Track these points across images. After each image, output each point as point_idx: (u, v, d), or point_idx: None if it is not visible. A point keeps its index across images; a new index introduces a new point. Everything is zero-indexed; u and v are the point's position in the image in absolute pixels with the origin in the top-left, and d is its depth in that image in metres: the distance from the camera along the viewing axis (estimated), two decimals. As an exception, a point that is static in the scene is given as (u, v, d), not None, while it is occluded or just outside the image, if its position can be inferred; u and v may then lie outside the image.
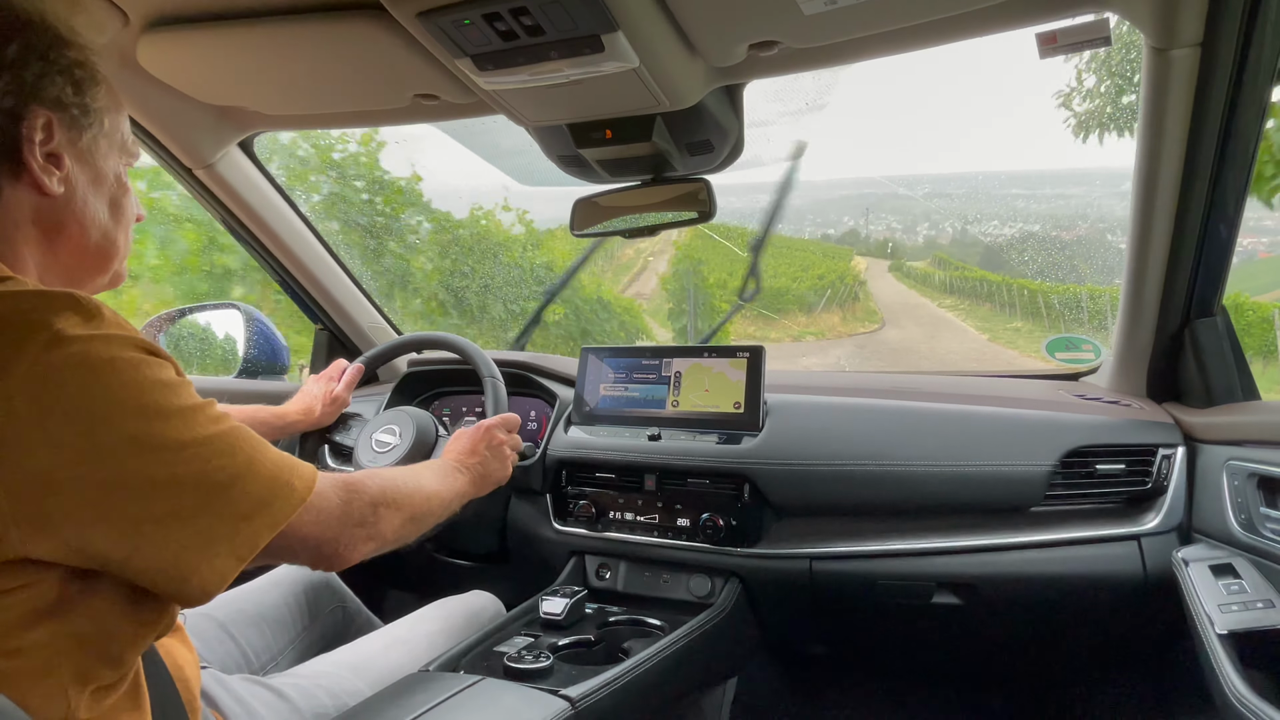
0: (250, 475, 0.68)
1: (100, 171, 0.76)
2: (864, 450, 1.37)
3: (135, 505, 0.61)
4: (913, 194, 10.26)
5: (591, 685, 1.03)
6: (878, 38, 1.04)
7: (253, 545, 0.67)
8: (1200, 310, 1.26)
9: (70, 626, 0.62)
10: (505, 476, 1.23)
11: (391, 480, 0.91)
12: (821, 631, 1.56)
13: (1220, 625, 1.00)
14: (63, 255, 0.74)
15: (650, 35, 0.96)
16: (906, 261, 11.80)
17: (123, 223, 0.80)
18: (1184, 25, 0.95)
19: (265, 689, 0.97)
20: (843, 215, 7.85)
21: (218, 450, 0.66)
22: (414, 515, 0.93)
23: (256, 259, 1.83)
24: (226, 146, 1.55)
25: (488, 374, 1.50)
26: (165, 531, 0.62)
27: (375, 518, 0.85)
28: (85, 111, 0.73)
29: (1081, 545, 1.26)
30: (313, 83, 1.22)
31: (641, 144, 1.23)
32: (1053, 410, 1.38)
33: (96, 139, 0.75)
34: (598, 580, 1.52)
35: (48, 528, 0.58)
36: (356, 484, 0.84)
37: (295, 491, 0.72)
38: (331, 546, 0.79)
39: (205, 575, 0.64)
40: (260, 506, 0.68)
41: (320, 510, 0.76)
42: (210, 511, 0.65)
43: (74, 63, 0.72)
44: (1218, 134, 1.05)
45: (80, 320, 0.60)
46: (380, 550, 0.87)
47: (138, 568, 0.62)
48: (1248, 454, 1.12)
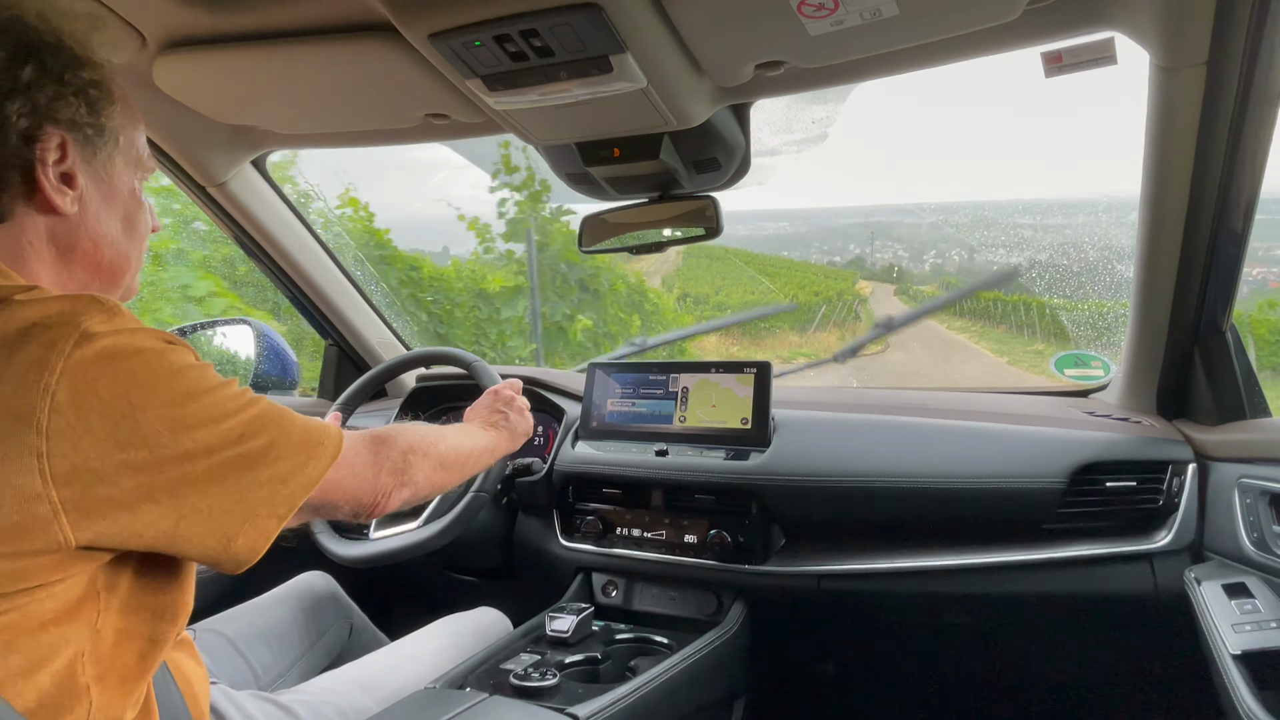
0: (282, 440, 0.72)
1: (114, 189, 0.77)
2: (872, 467, 1.36)
3: (178, 481, 0.64)
4: (919, 222, 10.27)
5: (598, 704, 1.03)
6: (883, 58, 1.04)
7: (291, 504, 0.71)
8: (1209, 327, 1.26)
9: (90, 624, 0.64)
10: (530, 428, 1.29)
11: (419, 432, 0.96)
12: (830, 650, 1.55)
13: (1233, 645, 0.99)
14: (76, 272, 0.75)
15: (658, 56, 0.97)
16: (913, 285, 11.51)
17: (135, 238, 0.81)
18: (1190, 44, 0.96)
19: (274, 706, 0.97)
20: (849, 243, 7.86)
21: (247, 421, 0.69)
22: (443, 461, 0.97)
23: (268, 275, 1.85)
24: (240, 165, 1.57)
25: (468, 361, 1.52)
26: (209, 500, 0.65)
27: (406, 465, 0.89)
28: (100, 131, 0.74)
29: (1092, 564, 1.25)
30: (325, 102, 1.24)
31: (649, 162, 1.24)
32: (1062, 427, 1.37)
33: (112, 156, 0.76)
34: (604, 597, 1.52)
35: (96, 514, 0.60)
36: (384, 436, 0.89)
37: (327, 450, 0.76)
38: (370, 495, 0.84)
39: (250, 535, 0.68)
40: (295, 469, 0.72)
41: (353, 464, 0.81)
42: (249, 478, 0.68)
43: (89, 83, 0.73)
44: (1224, 152, 1.05)
45: (105, 318, 0.63)
46: (416, 498, 0.92)
47: (186, 534, 0.65)
48: (1260, 472, 1.11)
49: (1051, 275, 2.36)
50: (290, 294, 1.89)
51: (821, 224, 12.15)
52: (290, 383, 1.95)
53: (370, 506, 0.85)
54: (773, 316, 7.50)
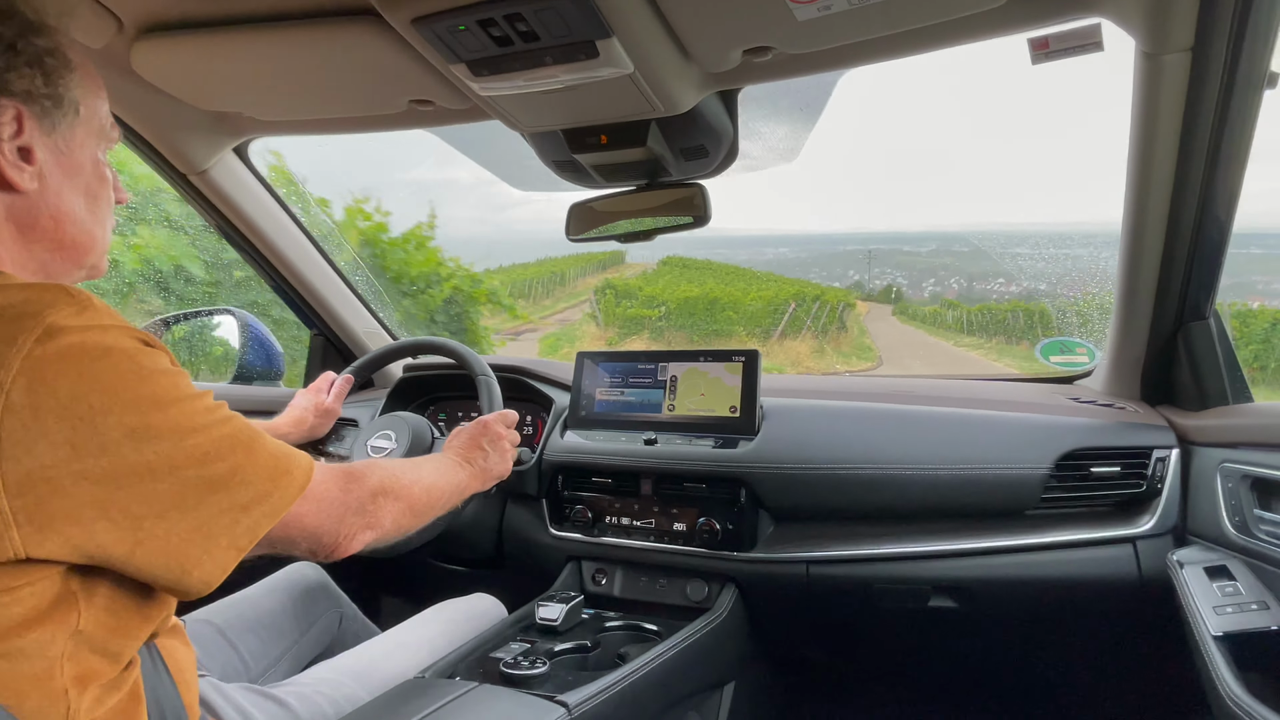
0: (249, 465, 0.68)
1: (76, 162, 0.73)
2: (860, 454, 1.37)
3: (136, 500, 0.60)
4: (918, 250, 10.21)
5: (588, 691, 1.03)
6: (871, 43, 1.04)
7: (252, 535, 0.67)
8: (1193, 313, 1.27)
9: (70, 625, 0.61)
10: (506, 471, 1.23)
11: (391, 471, 0.91)
12: (819, 636, 1.56)
13: (1215, 627, 1.01)
14: (37, 251, 0.72)
15: (645, 41, 0.96)
16: (912, 304, 11.04)
17: (99, 214, 0.77)
18: (1175, 30, 0.96)
19: (265, 698, 0.97)
20: (848, 269, 7.81)
21: (216, 440, 0.65)
22: (413, 506, 0.93)
23: (251, 265, 1.83)
24: (221, 152, 1.55)
25: (480, 373, 1.49)
26: (166, 525, 0.62)
27: (375, 507, 0.84)
28: (58, 102, 0.70)
29: (1077, 548, 1.26)
30: (307, 88, 1.22)
31: (636, 149, 1.23)
32: (1048, 413, 1.38)
33: (73, 128, 0.72)
34: (594, 585, 1.52)
35: (50, 527, 0.57)
36: (356, 473, 0.84)
37: (294, 480, 0.72)
38: (331, 536, 0.79)
39: (206, 567, 0.64)
40: (260, 497, 0.68)
41: (320, 499, 0.76)
42: (210, 503, 0.64)
43: (44, 51, 0.68)
44: (1209, 138, 1.05)
45: (74, 311, 0.59)
46: (380, 540, 0.87)
47: (140, 562, 0.61)
48: (1241, 456, 1.13)
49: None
50: (275, 283, 1.87)
51: (821, 250, 12.09)
52: (275, 373, 1.94)
53: (330, 548, 0.79)
54: (731, 322, 7.28)
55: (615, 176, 1.36)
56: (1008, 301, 9.60)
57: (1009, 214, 73.55)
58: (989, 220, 49.47)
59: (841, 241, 12.29)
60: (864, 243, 10.91)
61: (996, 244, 6.58)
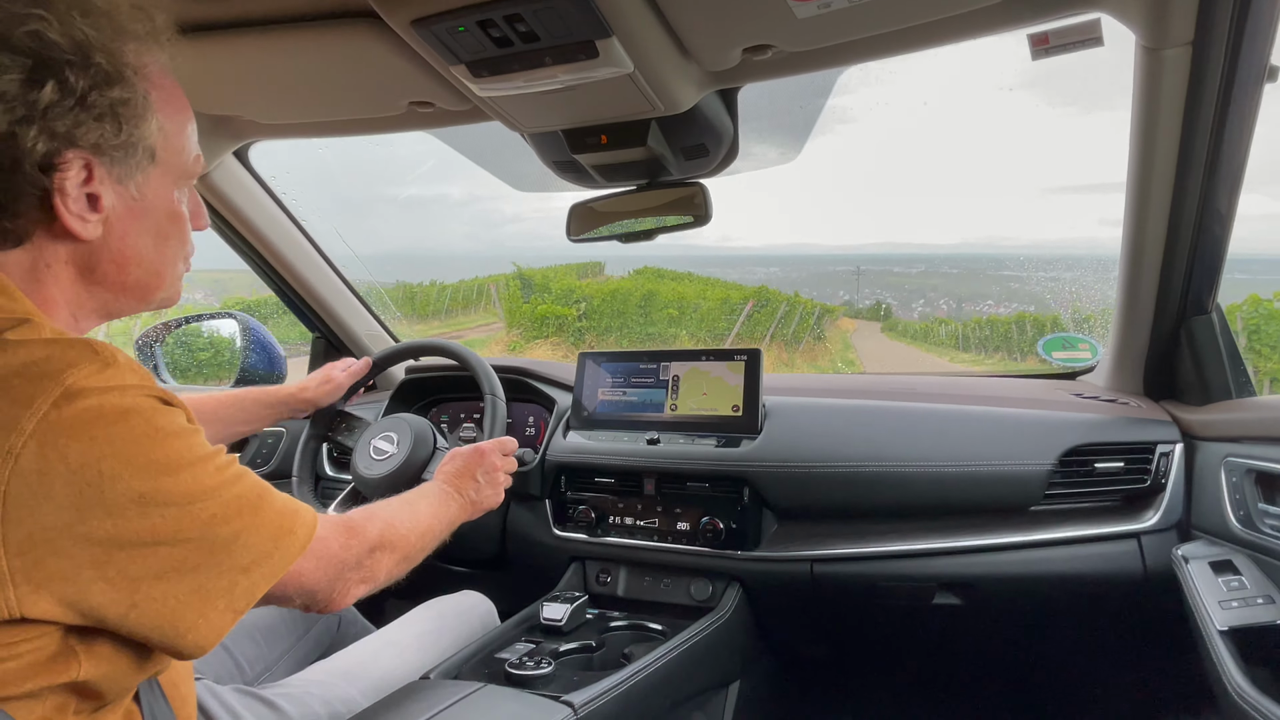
0: (254, 527, 0.67)
1: (147, 205, 0.71)
2: (863, 452, 1.37)
3: (135, 563, 0.59)
4: (908, 271, 10.08)
5: (594, 691, 1.03)
6: (870, 40, 1.04)
7: (250, 598, 0.67)
8: (1195, 308, 1.26)
9: (70, 676, 0.60)
10: (497, 502, 1.22)
11: (389, 522, 0.91)
12: (823, 634, 1.56)
13: (1221, 622, 1.00)
14: (98, 292, 0.70)
15: (644, 40, 0.96)
16: (902, 322, 10.51)
17: (168, 253, 0.74)
18: (1175, 25, 0.96)
19: (257, 700, 0.97)
20: (838, 289, 7.70)
21: (224, 504, 0.65)
22: (408, 556, 0.93)
23: (253, 268, 1.83)
24: (221, 156, 1.55)
25: (489, 390, 1.48)
26: (164, 587, 0.61)
27: (371, 561, 0.84)
28: (131, 151, 0.68)
29: (1081, 544, 1.26)
30: (307, 91, 1.22)
31: (636, 149, 1.23)
32: (1051, 410, 1.38)
33: (147, 173, 0.70)
34: (598, 585, 1.52)
35: (46, 586, 0.56)
36: (357, 528, 0.84)
37: (296, 540, 0.71)
38: (326, 593, 0.78)
39: (201, 630, 0.64)
40: (261, 558, 0.67)
41: (320, 556, 0.76)
42: (210, 566, 0.63)
43: (118, 101, 0.65)
44: (1210, 132, 1.05)
45: (95, 370, 0.58)
46: (373, 591, 0.87)
47: (134, 624, 0.61)
48: (1245, 450, 1.12)
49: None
50: (276, 287, 1.87)
51: (811, 270, 11.94)
52: (277, 376, 1.94)
53: (324, 603, 0.78)
54: (673, 323, 6.82)
55: (616, 176, 1.36)
56: (1014, 313, 8.74)
57: (997, 234, 73.28)
58: (977, 240, 49.19)
59: (831, 262, 12.22)
60: (854, 263, 10.70)
61: (985, 266, 6.60)
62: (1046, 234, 47.83)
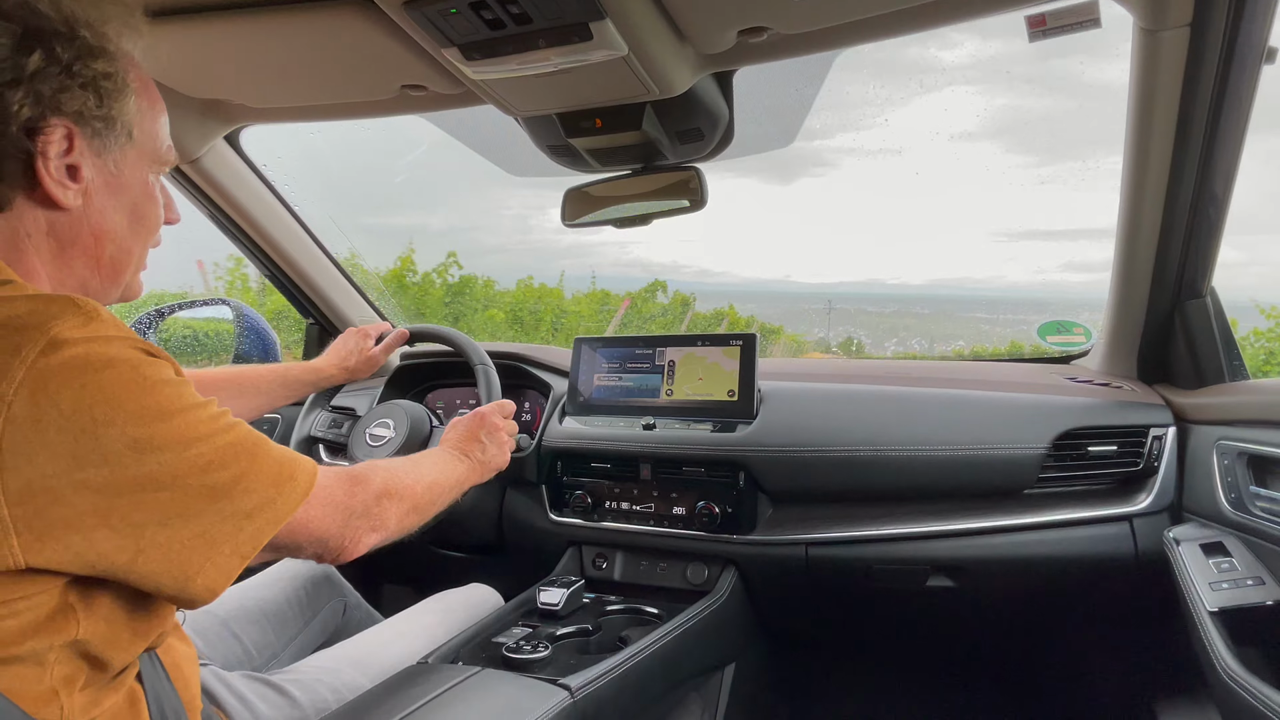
0: (253, 472, 0.68)
1: (123, 181, 0.73)
2: (858, 436, 1.37)
3: (138, 508, 0.60)
4: (881, 310, 10.22)
5: (590, 674, 1.04)
6: (866, 23, 1.03)
7: (256, 542, 0.67)
8: (1189, 291, 1.27)
9: (69, 635, 0.61)
10: (504, 462, 1.23)
11: (393, 471, 0.92)
12: (818, 617, 1.57)
13: (1211, 603, 1.01)
14: (76, 267, 0.71)
15: (639, 23, 0.95)
16: (873, 356, 10.29)
17: (141, 231, 0.76)
18: (1173, 5, 0.95)
19: (266, 685, 0.97)
20: (813, 327, 7.75)
21: (219, 448, 0.65)
22: (416, 505, 0.94)
23: (245, 254, 1.82)
24: (212, 140, 1.53)
25: (478, 361, 1.48)
26: (169, 533, 0.62)
27: (379, 509, 0.85)
28: (110, 124, 0.70)
29: (1074, 526, 1.27)
30: (298, 75, 1.21)
31: (631, 132, 1.22)
32: (1045, 393, 1.39)
33: (124, 150, 0.72)
34: (595, 570, 1.53)
35: (50, 535, 0.57)
36: (360, 476, 0.85)
37: (298, 486, 0.72)
38: (337, 540, 0.79)
39: (209, 574, 0.64)
40: (264, 504, 0.68)
41: (324, 504, 0.77)
42: (213, 510, 0.64)
43: (101, 74, 0.68)
44: (1207, 115, 1.05)
45: (79, 322, 0.59)
46: (385, 541, 0.88)
47: (142, 571, 0.61)
48: (1237, 433, 1.13)
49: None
50: (269, 272, 1.86)
51: (788, 307, 11.90)
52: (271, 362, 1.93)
53: (337, 550, 0.80)
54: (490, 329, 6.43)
55: (610, 160, 1.35)
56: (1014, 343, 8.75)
57: (966, 275, 71.64)
58: (947, 280, 49.79)
59: (809, 299, 12.23)
60: (828, 300, 10.57)
61: (955, 307, 6.61)
62: (1014, 277, 48.47)
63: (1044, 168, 23.05)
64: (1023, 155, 56.31)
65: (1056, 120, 16.16)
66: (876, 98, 11.02)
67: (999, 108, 9.60)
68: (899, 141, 17.72)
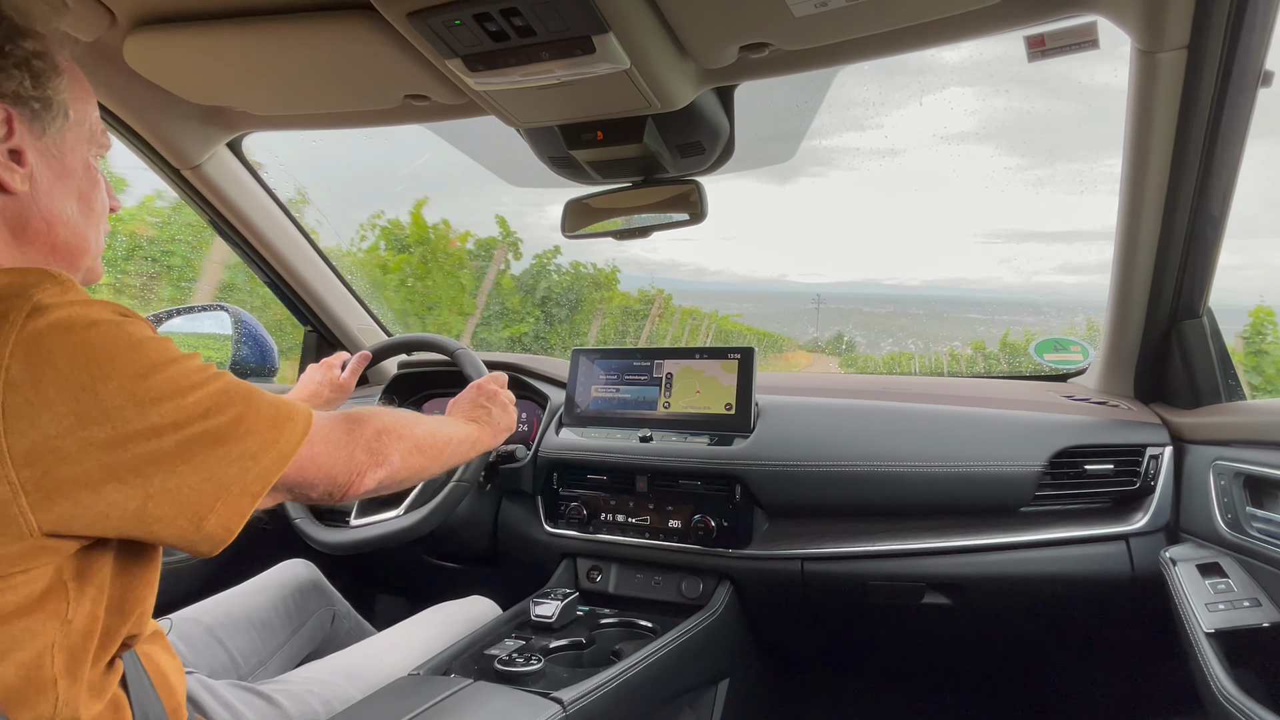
0: (251, 415, 0.69)
1: (67, 166, 0.73)
2: (854, 451, 1.37)
3: (145, 460, 0.61)
4: (876, 311, 10.28)
5: (583, 688, 1.03)
6: (867, 40, 1.04)
7: (265, 481, 0.69)
8: (1186, 311, 1.27)
9: (60, 615, 0.62)
10: (513, 424, 1.25)
11: (392, 414, 0.92)
12: (813, 633, 1.56)
13: (1207, 624, 1.01)
14: (31, 253, 0.71)
15: (641, 37, 0.96)
16: (864, 357, 10.04)
17: (93, 217, 0.77)
18: (1171, 28, 0.96)
19: (255, 695, 0.96)
20: (808, 326, 7.76)
21: (214, 394, 0.66)
22: (419, 445, 0.94)
23: (245, 260, 1.82)
24: (214, 147, 1.54)
25: (454, 348, 1.50)
26: (176, 480, 0.63)
27: (380, 444, 0.85)
28: (47, 105, 0.70)
29: (1070, 545, 1.27)
30: (302, 83, 1.22)
31: (632, 145, 1.23)
32: (1041, 411, 1.39)
33: (62, 131, 0.72)
34: (589, 582, 1.52)
35: (59, 494, 0.58)
36: (357, 415, 0.86)
37: (297, 425, 0.73)
38: (345, 474, 0.80)
39: (221, 514, 0.66)
40: (267, 444, 0.69)
41: (326, 440, 0.78)
42: (219, 454, 0.65)
43: (32, 54, 0.68)
44: (1204, 136, 1.06)
45: (58, 290, 0.60)
46: (392, 479, 0.88)
47: (153, 517, 0.62)
48: (1234, 454, 1.13)
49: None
50: (268, 279, 1.86)
51: (783, 307, 11.90)
52: (269, 369, 1.93)
53: (345, 486, 0.81)
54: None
55: (611, 173, 1.35)
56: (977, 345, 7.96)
57: (961, 276, 73.61)
58: (942, 281, 49.93)
59: (803, 299, 12.20)
60: (824, 303, 10.35)
61: (951, 308, 6.61)
62: (1009, 279, 50.08)
63: (1039, 169, 23.20)
64: (1019, 157, 57.14)
65: (1052, 123, 16.26)
66: (876, 98, 11.10)
67: (996, 110, 9.75)
68: (897, 142, 17.95)
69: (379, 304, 2.08)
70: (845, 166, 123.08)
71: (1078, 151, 32.59)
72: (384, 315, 2.06)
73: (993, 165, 74.21)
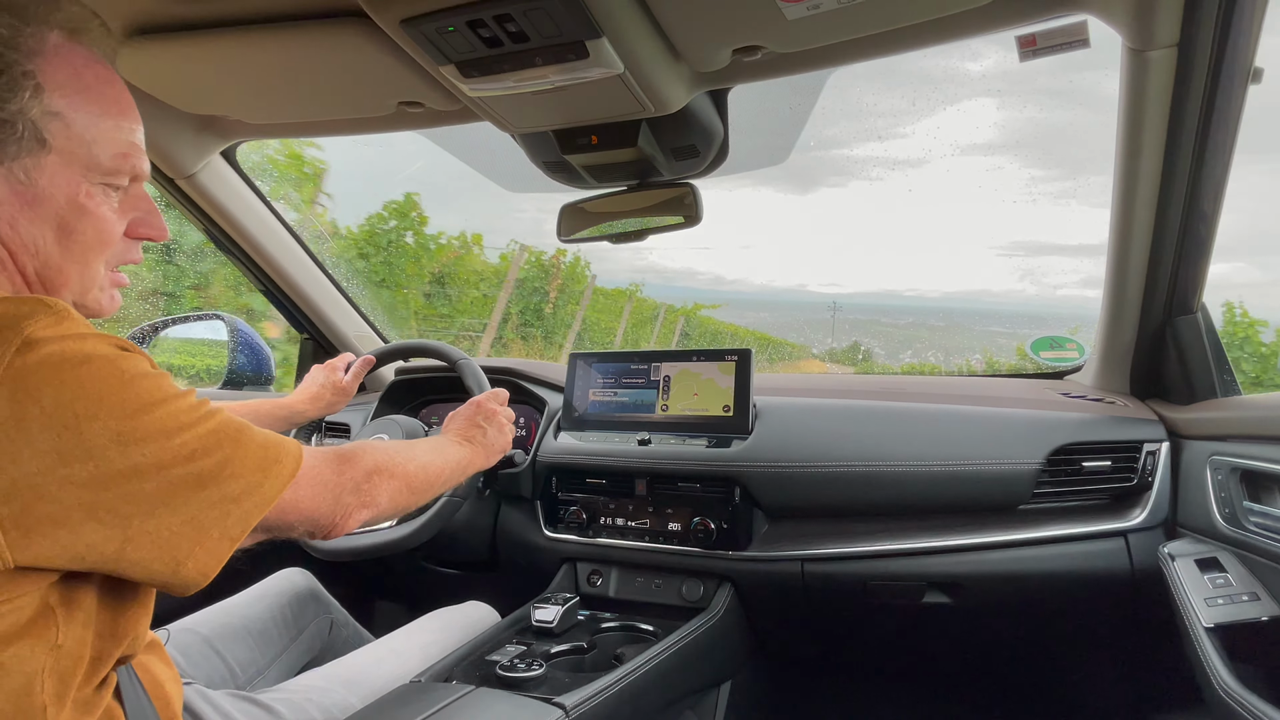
0: (238, 458, 0.67)
1: (39, 194, 0.66)
2: (853, 451, 1.37)
3: (125, 501, 0.60)
4: (896, 323, 10.36)
5: (585, 693, 1.03)
6: (860, 42, 1.04)
7: (244, 525, 0.67)
8: (1181, 308, 1.28)
9: (49, 640, 0.61)
10: (507, 445, 1.24)
11: (385, 451, 0.91)
12: (814, 633, 1.56)
13: (1206, 619, 1.01)
14: (2, 283, 0.67)
15: (634, 41, 0.96)
16: (881, 367, 9.95)
17: (75, 249, 0.69)
18: (1161, 27, 0.96)
19: (253, 704, 0.96)
20: (826, 336, 7.85)
21: (202, 436, 0.65)
22: (410, 484, 0.93)
23: (240, 269, 1.82)
24: (209, 156, 1.54)
25: (457, 358, 1.49)
26: (156, 522, 0.61)
27: (370, 486, 0.85)
28: (8, 125, 0.63)
29: (1069, 542, 1.27)
30: (296, 91, 1.22)
31: (627, 149, 1.23)
32: (1039, 409, 1.39)
33: (36, 156, 0.65)
34: (589, 587, 1.52)
35: (37, 531, 0.56)
36: (349, 454, 0.84)
37: (284, 469, 0.72)
38: (328, 517, 0.79)
39: (200, 558, 0.64)
40: (251, 488, 0.68)
41: (313, 482, 0.77)
42: (200, 498, 0.64)
43: None
44: (1195, 133, 1.06)
45: (51, 322, 0.59)
46: (378, 519, 0.88)
47: (131, 560, 0.61)
48: (1230, 449, 1.13)
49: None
50: (264, 287, 1.86)
51: (800, 316, 11.90)
52: (266, 378, 1.92)
53: (328, 527, 0.80)
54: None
55: (606, 177, 1.36)
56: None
57: (982, 288, 74.10)
58: (962, 293, 50.44)
59: (818, 310, 12.21)
60: (842, 311, 10.28)
61: (971, 320, 6.66)
62: (1031, 292, 50.53)
63: (1063, 181, 23.35)
64: (1043, 169, 57.51)
65: (1076, 135, 16.28)
66: (897, 108, 11.25)
67: (1020, 121, 9.63)
68: (919, 152, 18.05)
69: (383, 311, 2.08)
70: (866, 176, 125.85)
71: (1102, 164, 33.71)
72: (379, 317, 2.06)
73: (1016, 177, 75.17)
